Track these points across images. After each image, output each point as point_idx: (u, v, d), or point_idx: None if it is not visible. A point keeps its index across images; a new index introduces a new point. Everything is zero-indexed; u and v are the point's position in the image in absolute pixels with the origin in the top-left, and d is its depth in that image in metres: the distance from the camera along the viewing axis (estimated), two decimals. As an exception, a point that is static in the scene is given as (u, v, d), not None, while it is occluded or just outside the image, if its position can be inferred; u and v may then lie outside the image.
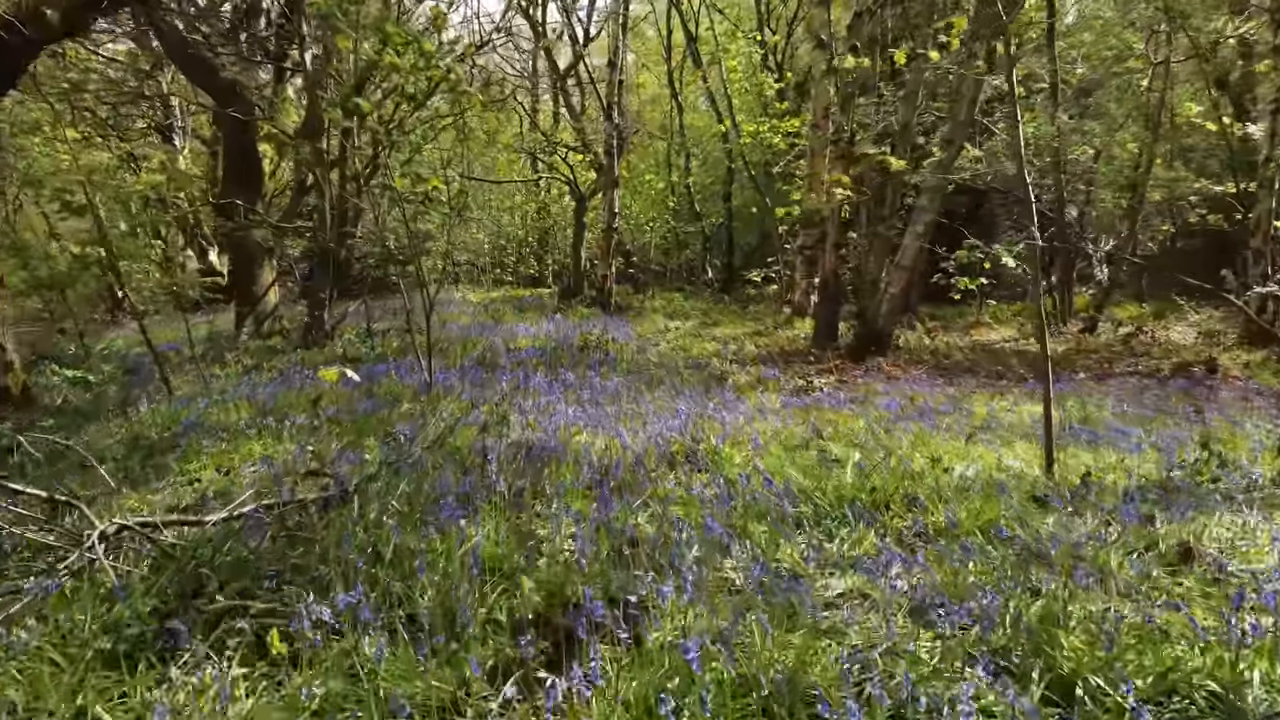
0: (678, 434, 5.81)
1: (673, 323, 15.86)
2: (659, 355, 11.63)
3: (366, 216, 10.37)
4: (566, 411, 6.58)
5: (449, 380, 8.26)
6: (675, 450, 5.40)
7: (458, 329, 12.40)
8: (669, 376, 9.46)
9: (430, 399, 7.23)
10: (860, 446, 5.75)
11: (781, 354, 11.19)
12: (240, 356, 10.02)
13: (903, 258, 10.41)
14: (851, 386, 9.19)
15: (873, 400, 8.27)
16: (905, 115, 10.96)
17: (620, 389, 8.35)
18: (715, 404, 7.80)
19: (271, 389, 8.00)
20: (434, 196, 8.69)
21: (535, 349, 10.66)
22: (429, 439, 5.93)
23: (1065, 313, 14.24)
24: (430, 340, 7.47)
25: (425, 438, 5.98)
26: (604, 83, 18.18)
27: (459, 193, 7.48)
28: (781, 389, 9.05)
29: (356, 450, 5.84)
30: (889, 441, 5.80)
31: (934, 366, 10.91)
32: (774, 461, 5.26)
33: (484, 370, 9.34)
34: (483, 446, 5.12)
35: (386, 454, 5.40)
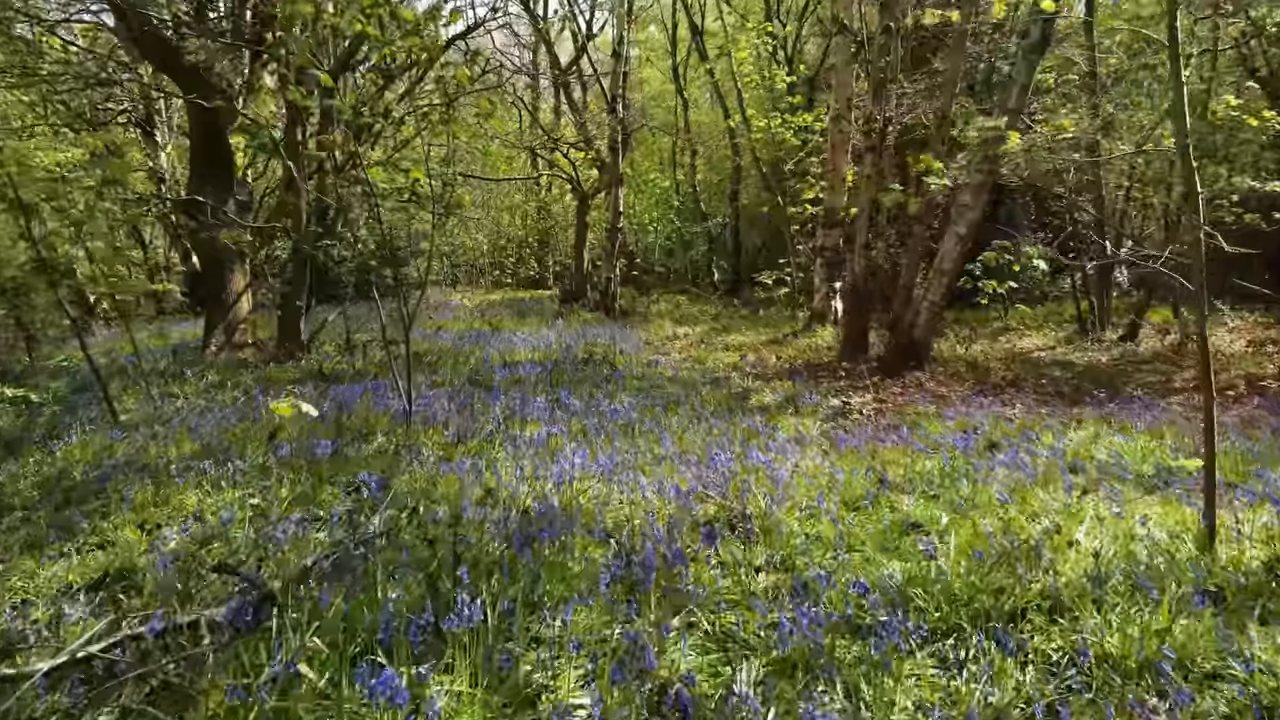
0: (715, 489, 4.53)
1: (681, 329, 14.59)
2: (671, 366, 10.36)
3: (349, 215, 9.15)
4: (571, 455, 5.30)
5: (434, 404, 6.98)
6: (714, 514, 4.12)
7: (451, 338, 11.12)
8: (686, 395, 8.19)
9: (409, 431, 5.96)
10: (940, 501, 4.49)
11: (806, 367, 9.92)
12: (205, 371, 8.74)
13: (942, 261, 9.15)
14: (894, 408, 7.92)
15: (923, 425, 7.00)
16: (943, 105, 9.68)
17: (633, 413, 7.08)
18: (744, 433, 6.53)
19: (228, 415, 6.72)
20: (418, 192, 7.43)
21: (534, 363, 9.38)
22: (399, 491, 4.66)
23: (1103, 319, 12.98)
24: (410, 359, 6.19)
25: (395, 490, 4.71)
26: (608, 75, 16.89)
27: (444, 186, 6.20)
28: (816, 410, 7.79)
29: (308, 507, 4.57)
30: (975, 495, 4.53)
31: (975, 381, 9.65)
32: (839, 531, 3.99)
33: (477, 389, 8.06)
34: (453, 541, 3.82)
35: (339, 526, 4.13)
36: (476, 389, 8.09)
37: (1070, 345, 12.63)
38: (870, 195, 9.87)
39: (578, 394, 7.89)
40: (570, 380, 8.70)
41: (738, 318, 16.03)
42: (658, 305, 18.76)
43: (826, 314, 12.61)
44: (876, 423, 7.42)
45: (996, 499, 4.41)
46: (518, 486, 4.42)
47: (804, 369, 9.85)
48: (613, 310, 15.88)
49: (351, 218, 9.19)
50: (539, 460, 5.39)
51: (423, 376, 8.67)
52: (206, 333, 9.77)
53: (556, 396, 7.71)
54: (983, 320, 15.47)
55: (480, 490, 4.38)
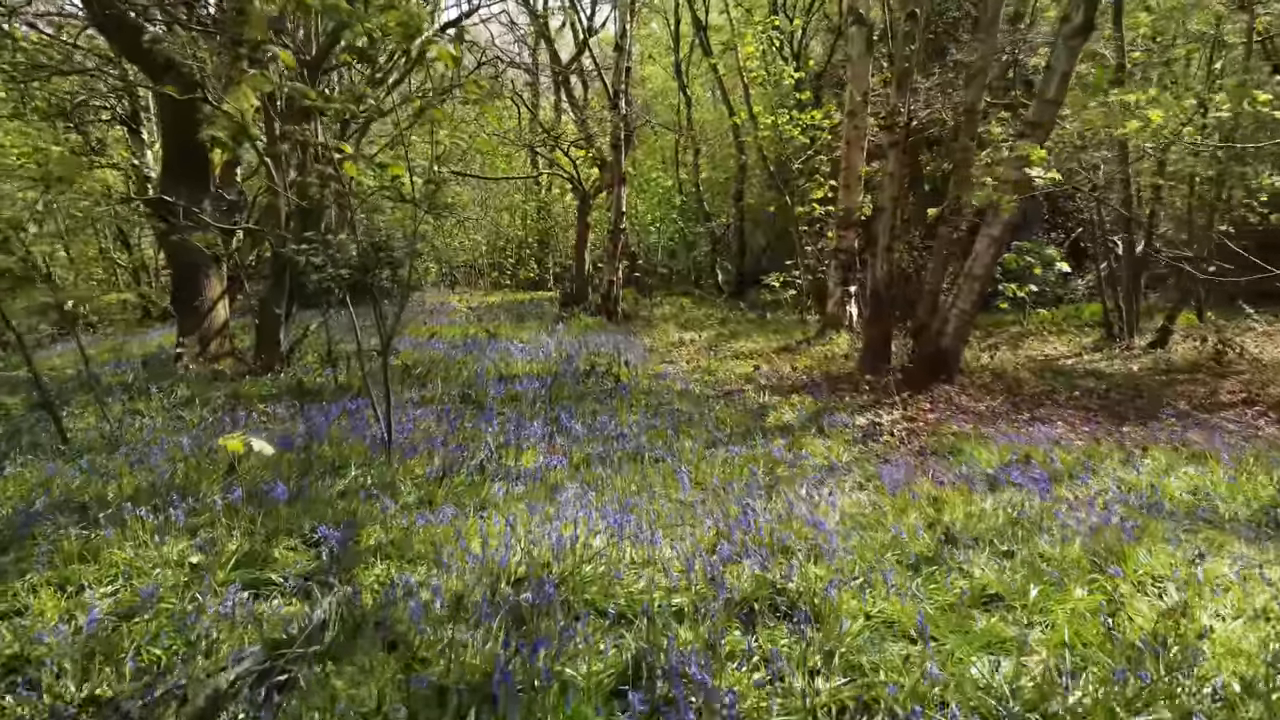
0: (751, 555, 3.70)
1: (687, 334, 13.77)
2: (679, 378, 9.53)
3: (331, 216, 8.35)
4: (573, 500, 4.48)
5: (420, 427, 6.16)
6: (751, 590, 3.29)
7: (444, 346, 10.30)
8: (698, 413, 7.38)
9: (388, 462, 5.13)
10: (1017, 561, 3.67)
11: (825, 379, 9.10)
12: (174, 386, 7.92)
13: (974, 265, 8.32)
14: (927, 427, 7.10)
15: (965, 451, 6.18)
16: (971, 97, 8.85)
17: (642, 437, 6.26)
18: (767, 460, 5.72)
19: (190, 440, 5.89)
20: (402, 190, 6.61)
21: (533, 376, 8.56)
22: (367, 547, 3.84)
23: (1132, 324, 12.15)
24: (389, 381, 5.37)
25: (363, 546, 3.89)
26: (610, 69, 16.05)
27: (428, 184, 5.38)
28: (843, 431, 6.97)
29: (258, 568, 3.75)
30: (1060, 554, 3.70)
31: (1006, 394, 8.83)
32: (902, 611, 3.17)
33: (469, 407, 7.24)
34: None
35: (292, 597, 3.31)
36: (468, 407, 7.27)
37: (1098, 353, 11.81)
38: (893, 193, 9.04)
39: (580, 413, 7.07)
40: (571, 395, 7.88)
41: (745, 322, 15.21)
42: (661, 308, 17.93)
43: (841, 319, 11.79)
44: (911, 446, 6.60)
45: (1086, 559, 3.60)
46: (505, 552, 3.58)
47: (822, 381, 9.03)
48: (615, 314, 15.06)
49: (334, 219, 8.39)
50: (535, 500, 4.57)
51: (411, 392, 7.85)
52: (179, 341, 8.94)
53: (556, 417, 6.89)
54: (999, 325, 14.65)
55: (463, 552, 3.55)
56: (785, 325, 14.28)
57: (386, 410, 5.22)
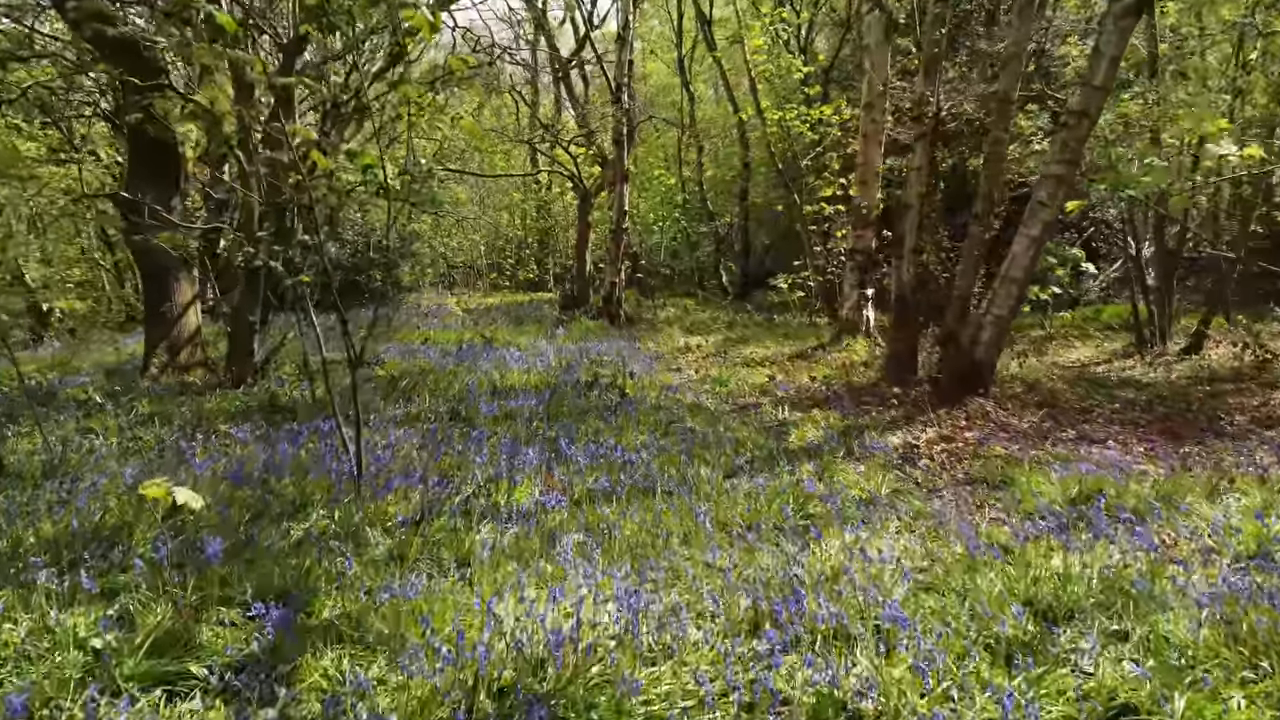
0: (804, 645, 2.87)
1: (693, 339, 12.95)
2: (689, 388, 8.71)
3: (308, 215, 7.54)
4: (574, 558, 3.66)
5: (398, 454, 5.34)
6: (816, 708, 2.45)
7: (436, 354, 9.47)
8: (712, 432, 6.56)
9: (355, 504, 4.31)
10: (1134, 645, 2.85)
11: (848, 391, 8.28)
12: (135, 401, 7.10)
13: (1011, 268, 7.50)
14: (968, 449, 6.28)
15: (1018, 480, 5.36)
16: (1004, 85, 8.02)
17: (652, 465, 5.44)
18: (798, 494, 4.89)
19: (137, 469, 5.07)
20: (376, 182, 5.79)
21: (530, 389, 7.74)
22: (316, 627, 3.02)
23: (1165, 329, 11.33)
24: (360, 405, 4.54)
25: (312, 621, 3.07)
26: (612, 63, 15.21)
27: (401, 174, 4.57)
28: (872, 450, 6.15)
29: (175, 657, 2.93)
30: (1188, 638, 2.88)
31: (1043, 407, 8.01)
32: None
33: (458, 426, 6.42)
34: None
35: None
36: (458, 425, 6.44)
37: (1129, 359, 10.99)
38: (920, 189, 8.22)
39: (582, 434, 6.25)
40: (571, 411, 7.06)
41: (754, 325, 14.38)
42: (665, 311, 17.11)
43: (858, 324, 10.97)
44: (954, 472, 5.78)
45: (1229, 647, 2.77)
46: (487, 643, 2.74)
47: (845, 393, 8.21)
48: (617, 318, 14.24)
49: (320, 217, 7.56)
50: (528, 554, 3.75)
51: (395, 407, 7.02)
52: (147, 352, 8.12)
53: (554, 438, 6.07)
54: (1020, 329, 13.81)
55: (433, 650, 2.72)
56: (796, 329, 13.45)
57: (356, 440, 4.40)
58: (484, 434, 5.95)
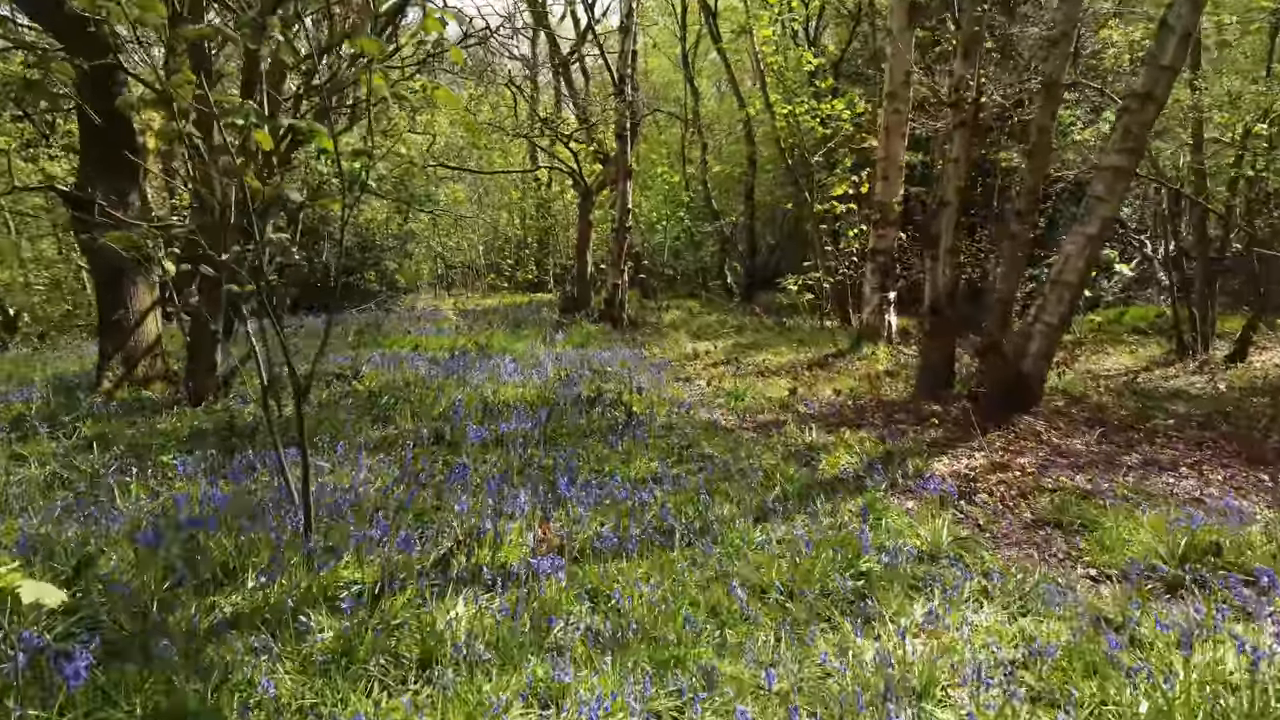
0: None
1: (701, 344, 12.04)
2: (701, 402, 7.81)
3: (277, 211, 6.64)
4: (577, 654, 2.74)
5: (370, 493, 4.42)
6: None
7: (424, 364, 8.55)
8: (734, 458, 5.64)
9: (301, 571, 3.39)
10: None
11: (878, 406, 7.36)
12: (80, 421, 6.18)
13: (1063, 270, 6.59)
14: (1029, 480, 5.37)
15: (1103, 524, 4.45)
16: (1051, 69, 7.10)
17: (668, 504, 4.52)
18: (844, 546, 3.98)
19: (60, 511, 4.15)
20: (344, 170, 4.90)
21: (526, 405, 6.82)
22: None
23: (1208, 335, 10.42)
24: (307, 446, 3.61)
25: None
26: (614, 53, 14.28)
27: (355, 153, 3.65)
28: (921, 483, 5.24)
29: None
30: None
31: (1092, 423, 7.10)
32: None
33: (441, 454, 5.51)
34: None
35: None
36: (441, 451, 5.53)
37: (1170, 367, 10.08)
38: (959, 183, 7.30)
39: (584, 463, 5.33)
40: (572, 433, 6.14)
41: (764, 330, 13.46)
42: (669, 313, 16.18)
43: (879, 330, 10.05)
44: (1020, 513, 4.86)
45: None
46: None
47: (874, 409, 7.29)
48: (620, 321, 13.32)
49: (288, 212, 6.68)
50: (514, 651, 2.83)
51: (373, 428, 6.11)
52: (100, 364, 7.20)
53: (551, 468, 5.16)
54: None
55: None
56: (810, 334, 12.52)
57: (304, 487, 3.48)
58: (467, 469, 5.03)
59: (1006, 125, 10.80)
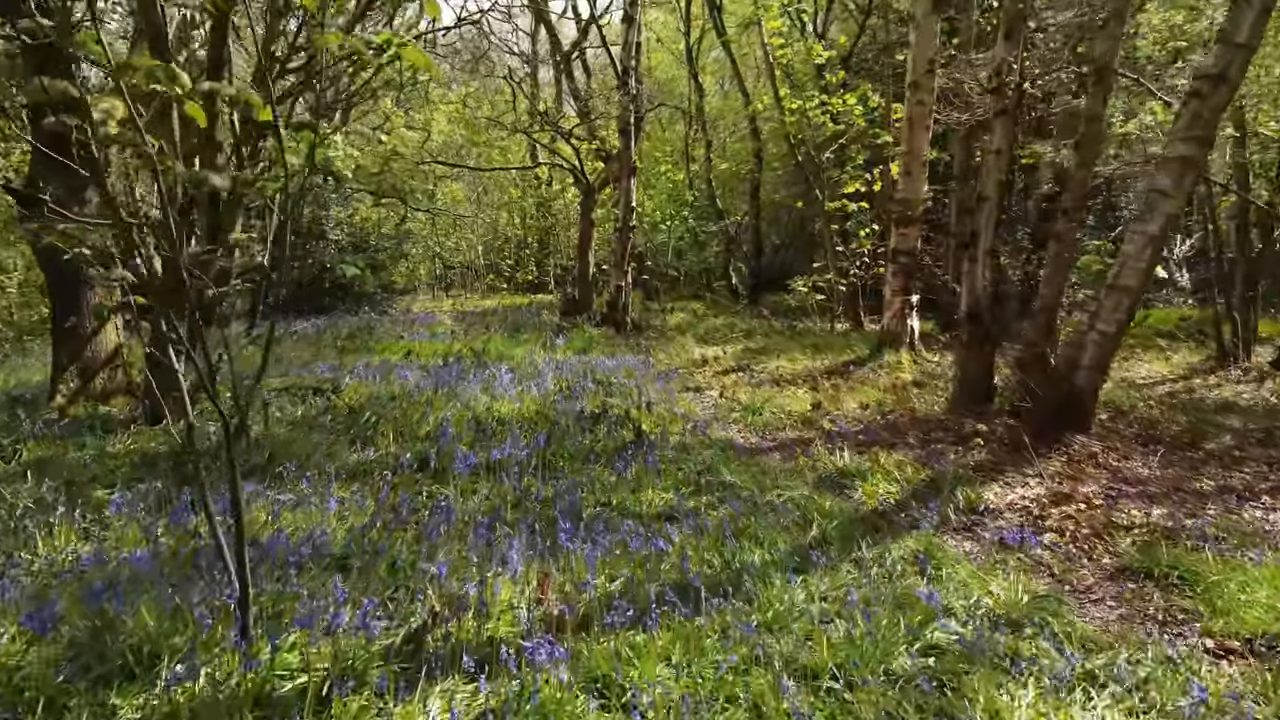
0: None
1: (709, 350, 11.28)
2: (717, 415, 7.06)
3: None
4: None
5: (318, 545, 3.67)
6: None
7: (414, 374, 7.79)
8: (759, 487, 4.89)
9: (232, 657, 2.63)
10: None
11: (912, 421, 6.60)
12: (19, 444, 5.43)
13: (1121, 274, 5.84)
14: (1098, 514, 4.61)
15: (1204, 575, 3.69)
16: (1104, 51, 6.34)
17: (687, 551, 3.77)
18: (904, 608, 3.23)
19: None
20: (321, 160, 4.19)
21: (523, 422, 6.07)
22: None
23: (1249, 340, 9.66)
24: (240, 500, 2.85)
25: None
26: (617, 45, 13.52)
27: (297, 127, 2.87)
28: (978, 519, 4.49)
29: None
30: None
31: (1146, 441, 6.35)
32: None
33: (424, 482, 4.75)
34: None
35: None
36: (425, 481, 4.77)
37: (1212, 375, 9.32)
38: (999, 177, 6.54)
39: (589, 495, 4.58)
40: (574, 456, 5.39)
41: (774, 334, 12.69)
42: (673, 316, 15.42)
43: (901, 336, 9.30)
44: (1096, 557, 4.11)
45: None
46: None
47: (907, 426, 6.53)
48: (623, 325, 12.57)
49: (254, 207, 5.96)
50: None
51: (351, 451, 5.35)
52: (54, 376, 6.44)
53: (549, 500, 4.41)
54: (1068, 337, 12.16)
55: None
56: (824, 339, 11.76)
57: (238, 550, 2.72)
58: (458, 498, 4.28)
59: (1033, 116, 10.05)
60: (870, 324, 14.24)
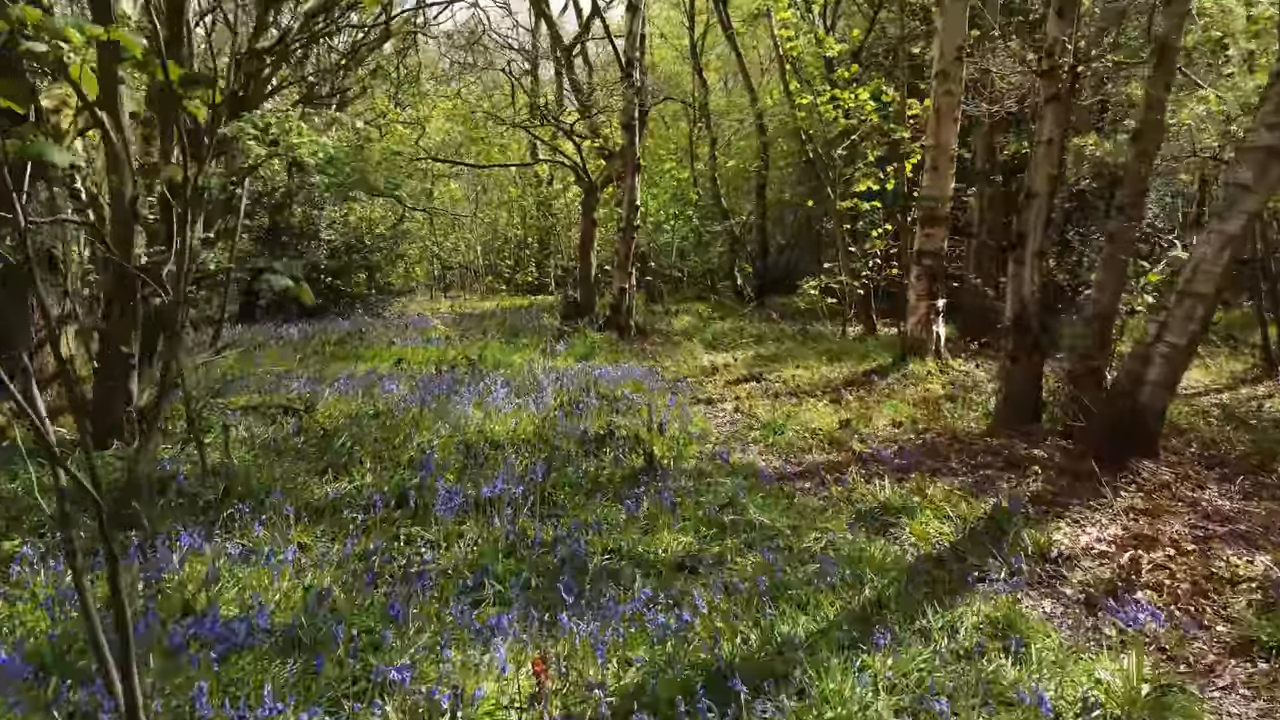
0: None
1: (718, 356, 10.53)
2: (733, 431, 6.33)
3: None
4: None
5: (252, 631, 2.92)
6: None
7: (402, 386, 7.04)
8: (791, 529, 4.15)
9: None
10: None
11: (951, 442, 5.85)
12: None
13: (1194, 279, 5.10)
14: (1191, 559, 3.87)
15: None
16: (1167, 29, 5.60)
17: (716, 621, 3.03)
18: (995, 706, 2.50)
19: None
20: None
21: (519, 444, 5.32)
22: None
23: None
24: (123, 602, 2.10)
25: None
26: (621, 37, 12.77)
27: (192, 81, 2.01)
28: (1054, 570, 3.74)
29: None
30: None
31: (1210, 464, 5.61)
32: None
33: (401, 522, 4.01)
34: None
35: None
36: (402, 523, 4.03)
37: (1259, 385, 8.59)
38: (1050, 170, 5.80)
39: (595, 541, 3.84)
40: (575, 488, 4.65)
41: (786, 339, 11.96)
42: (678, 319, 14.69)
43: (926, 342, 8.55)
44: (1210, 624, 3.37)
45: None
46: None
47: (947, 446, 5.79)
48: (627, 329, 11.82)
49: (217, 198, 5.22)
50: None
51: (320, 485, 4.60)
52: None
53: (551, 549, 3.67)
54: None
55: None
56: (840, 345, 11.01)
57: (124, 668, 1.96)
58: (443, 542, 3.54)
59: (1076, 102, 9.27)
60: (883, 328, 13.51)
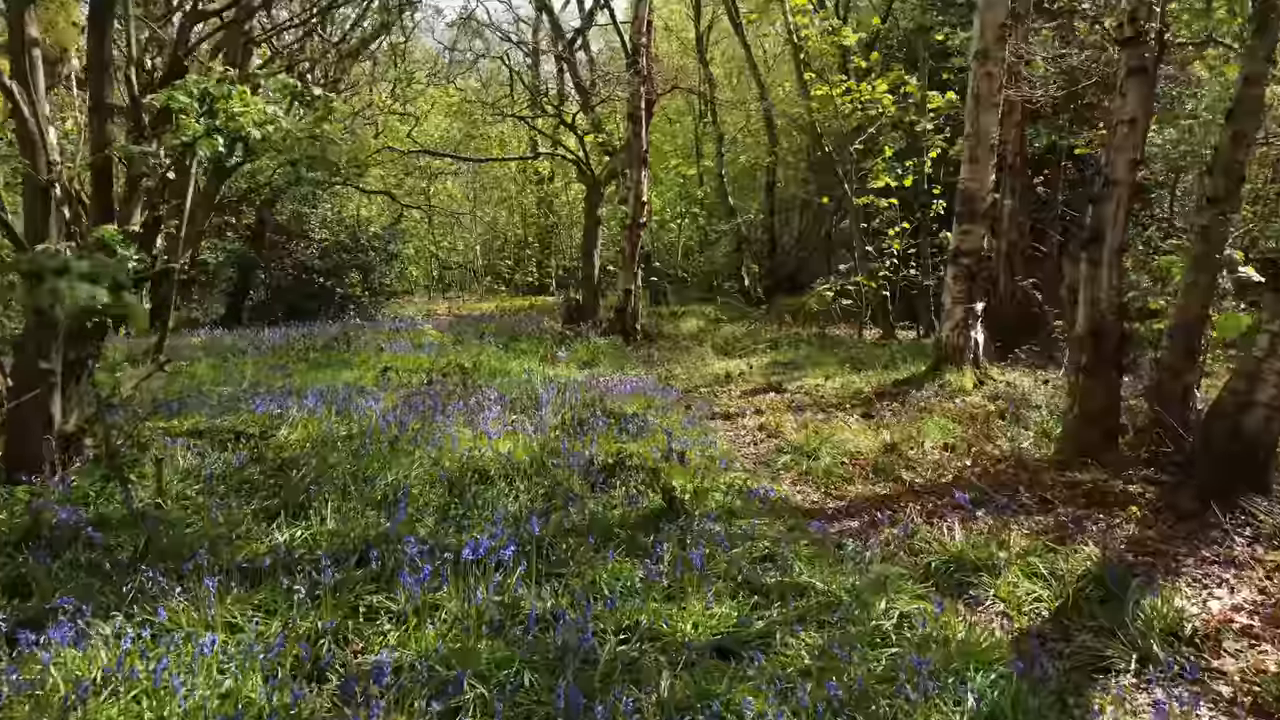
0: None
1: (731, 363, 9.64)
2: (759, 455, 5.44)
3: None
4: None
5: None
6: None
7: (383, 403, 6.13)
8: (850, 596, 3.25)
9: None
10: None
11: (1016, 469, 4.95)
12: None
13: (1316, 281, 4.22)
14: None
15: None
16: None
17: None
18: None
19: None
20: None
21: (512, 474, 4.42)
22: None
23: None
24: None
25: None
26: (626, 23, 11.86)
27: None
28: (1197, 652, 2.84)
29: None
30: None
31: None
32: None
33: (360, 590, 3.11)
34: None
35: None
36: (361, 591, 3.13)
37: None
38: (1132, 155, 4.89)
39: (605, 616, 2.94)
40: (581, 537, 3.76)
41: (803, 344, 11.04)
42: (685, 321, 13.79)
43: (964, 350, 7.66)
44: None
45: None
46: None
47: (1012, 475, 4.88)
48: (633, 333, 10.94)
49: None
50: None
51: (266, 536, 3.70)
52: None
53: (550, 631, 2.78)
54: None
55: None
56: (862, 351, 10.10)
57: None
58: (411, 616, 2.63)
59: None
60: (902, 331, 12.64)
